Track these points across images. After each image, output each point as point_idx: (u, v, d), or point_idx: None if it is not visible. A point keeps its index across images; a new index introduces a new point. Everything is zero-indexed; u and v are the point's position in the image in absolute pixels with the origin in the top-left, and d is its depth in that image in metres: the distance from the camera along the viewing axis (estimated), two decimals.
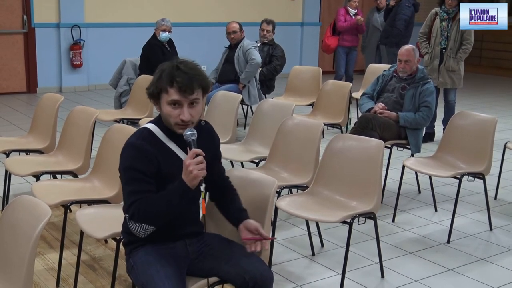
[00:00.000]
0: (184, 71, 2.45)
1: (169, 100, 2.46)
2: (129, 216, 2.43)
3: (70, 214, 3.85)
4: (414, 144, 4.94)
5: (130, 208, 2.43)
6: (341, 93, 6.10)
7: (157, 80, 2.48)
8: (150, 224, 2.44)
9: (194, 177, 2.38)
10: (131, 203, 2.42)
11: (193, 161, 2.38)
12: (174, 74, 2.44)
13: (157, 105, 2.55)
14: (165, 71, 2.47)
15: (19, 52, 9.52)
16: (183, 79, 2.44)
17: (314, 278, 3.64)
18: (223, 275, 2.55)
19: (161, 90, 2.47)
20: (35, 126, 4.79)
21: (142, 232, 2.45)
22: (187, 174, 2.39)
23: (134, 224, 2.43)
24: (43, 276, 3.54)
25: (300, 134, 4.07)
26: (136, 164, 2.44)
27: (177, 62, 2.50)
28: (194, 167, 2.38)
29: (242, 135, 6.40)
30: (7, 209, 2.40)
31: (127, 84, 7.44)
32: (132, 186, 2.44)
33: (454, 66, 6.69)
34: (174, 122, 2.49)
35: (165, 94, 2.47)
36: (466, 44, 6.65)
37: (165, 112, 2.49)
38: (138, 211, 2.41)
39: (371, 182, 3.52)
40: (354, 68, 9.26)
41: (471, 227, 4.52)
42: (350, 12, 8.86)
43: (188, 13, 10.66)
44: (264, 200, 2.77)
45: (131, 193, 2.44)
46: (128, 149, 2.50)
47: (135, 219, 2.42)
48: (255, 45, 7.13)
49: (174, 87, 2.45)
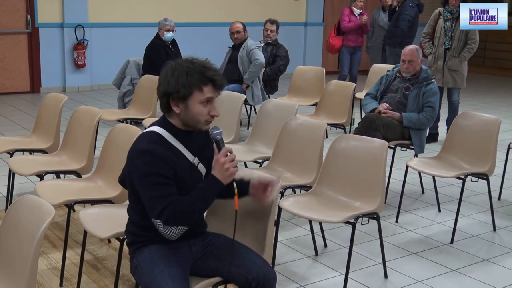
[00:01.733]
0: (214, 69, 2.46)
1: (203, 98, 2.43)
2: (164, 221, 2.40)
3: (73, 214, 3.86)
4: (418, 145, 4.93)
5: (163, 213, 2.38)
6: (345, 93, 6.10)
7: (188, 80, 2.40)
8: (186, 225, 2.45)
9: (230, 174, 2.42)
10: (164, 208, 2.38)
11: (227, 159, 2.42)
12: (207, 73, 2.42)
13: (177, 107, 2.46)
14: (192, 70, 2.41)
15: (23, 52, 9.54)
16: (220, 77, 2.45)
17: (317, 278, 3.64)
18: (226, 275, 2.55)
19: (193, 90, 2.42)
20: (39, 126, 4.80)
21: (176, 235, 2.46)
22: (222, 172, 2.42)
23: (169, 228, 2.43)
24: (47, 276, 3.55)
25: (304, 134, 4.07)
26: (156, 169, 2.40)
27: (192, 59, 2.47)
28: (229, 164, 2.42)
29: (245, 135, 6.40)
30: (11, 208, 2.41)
31: (130, 84, 7.45)
32: (158, 191, 2.40)
33: (457, 66, 6.68)
34: (204, 119, 2.48)
35: (198, 93, 2.43)
36: (471, 44, 6.64)
37: (195, 111, 2.45)
38: (174, 214, 2.39)
39: (375, 183, 3.51)
40: (358, 68, 9.25)
41: (474, 227, 4.51)
42: (355, 12, 8.85)
43: (191, 13, 10.67)
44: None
45: (159, 198, 2.39)
46: (143, 155, 2.43)
47: (170, 223, 2.41)
48: (258, 45, 7.13)
49: (209, 85, 2.43)
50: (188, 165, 2.52)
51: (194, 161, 2.54)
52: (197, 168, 2.56)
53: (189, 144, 2.54)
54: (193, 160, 2.54)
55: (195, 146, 2.57)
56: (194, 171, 2.55)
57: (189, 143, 2.54)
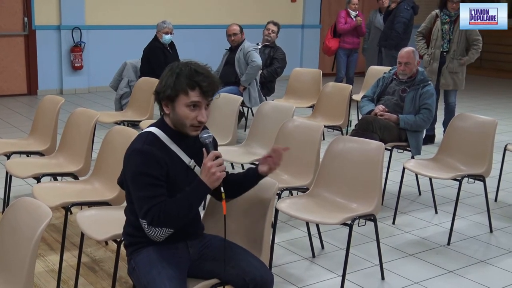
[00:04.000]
0: (205, 75, 2.45)
1: (189, 102, 2.44)
2: (148, 222, 2.40)
3: (70, 216, 3.85)
4: (415, 146, 4.94)
5: (148, 213, 2.39)
6: (342, 95, 6.11)
7: (175, 82, 2.43)
8: (171, 227, 2.43)
9: (217, 178, 2.41)
10: (149, 209, 2.39)
11: (214, 163, 2.41)
12: (195, 77, 2.43)
13: (167, 107, 2.50)
14: (182, 73, 2.44)
15: (20, 54, 9.54)
16: (207, 83, 2.44)
17: (314, 280, 3.64)
18: (223, 276, 2.56)
19: (179, 93, 2.44)
20: (36, 128, 4.79)
21: (161, 236, 2.44)
22: (208, 176, 2.41)
23: (154, 229, 2.41)
24: (44, 278, 3.55)
25: (301, 136, 4.07)
26: (147, 169, 2.41)
27: (190, 63, 2.48)
28: (216, 168, 2.40)
29: (242, 137, 6.40)
30: (8, 211, 2.41)
31: (127, 86, 7.44)
32: (146, 191, 2.41)
33: (458, 68, 6.70)
34: (190, 123, 2.48)
35: (184, 96, 2.44)
36: (477, 44, 6.63)
37: (181, 113, 2.47)
38: (159, 216, 2.39)
39: (372, 184, 3.52)
40: (355, 70, 9.27)
41: (471, 229, 4.52)
42: (351, 14, 8.88)
43: (189, 15, 10.67)
44: (265, 202, 2.78)
45: (147, 199, 2.40)
46: (136, 155, 2.45)
47: (155, 224, 2.40)
48: (255, 47, 7.14)
49: (196, 90, 2.43)
50: (183, 168, 2.52)
51: (190, 164, 2.55)
52: (193, 171, 2.56)
53: (185, 146, 2.54)
54: (189, 162, 2.54)
55: (192, 148, 2.57)
56: (190, 173, 2.55)
57: (186, 146, 2.55)
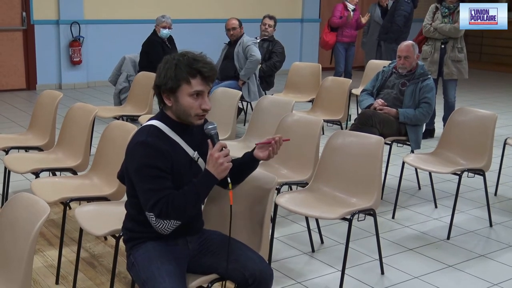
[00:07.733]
0: (203, 61, 2.44)
1: (192, 91, 2.43)
2: (156, 214, 2.39)
3: (69, 211, 3.85)
4: (414, 141, 4.94)
5: (156, 206, 2.38)
6: (341, 89, 6.10)
7: (175, 73, 2.42)
8: (179, 219, 2.42)
9: (224, 169, 2.41)
10: (157, 201, 2.38)
11: (221, 153, 2.41)
12: (195, 65, 2.41)
13: (169, 100, 2.48)
14: (181, 63, 2.42)
15: (18, 49, 9.51)
16: (207, 69, 2.43)
17: (314, 274, 3.64)
18: (223, 271, 2.55)
19: (181, 83, 2.43)
20: (34, 123, 4.78)
21: (169, 229, 2.43)
22: (216, 167, 2.40)
23: (162, 222, 2.40)
24: (43, 273, 3.54)
25: (300, 131, 4.06)
26: (152, 162, 2.40)
27: (185, 53, 2.47)
28: (224, 159, 2.40)
29: (241, 131, 6.39)
30: (6, 206, 2.40)
31: (126, 81, 7.43)
32: (153, 184, 2.40)
33: (460, 56, 6.70)
34: (195, 113, 2.47)
35: (187, 86, 2.43)
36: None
37: (185, 104, 2.45)
38: (167, 208, 2.38)
39: (371, 179, 3.51)
40: (353, 64, 9.24)
41: (471, 223, 4.52)
42: (349, 7, 8.83)
43: (187, 9, 10.64)
44: (264, 196, 2.77)
45: (154, 191, 2.39)
46: (141, 147, 2.43)
47: (163, 217, 2.39)
48: (254, 41, 7.12)
49: (197, 78, 2.42)
50: (187, 160, 2.51)
51: (194, 156, 2.54)
52: (197, 163, 2.56)
53: (188, 138, 2.54)
54: (193, 154, 2.54)
55: (195, 140, 2.56)
56: (194, 165, 2.54)
57: (189, 137, 2.54)
